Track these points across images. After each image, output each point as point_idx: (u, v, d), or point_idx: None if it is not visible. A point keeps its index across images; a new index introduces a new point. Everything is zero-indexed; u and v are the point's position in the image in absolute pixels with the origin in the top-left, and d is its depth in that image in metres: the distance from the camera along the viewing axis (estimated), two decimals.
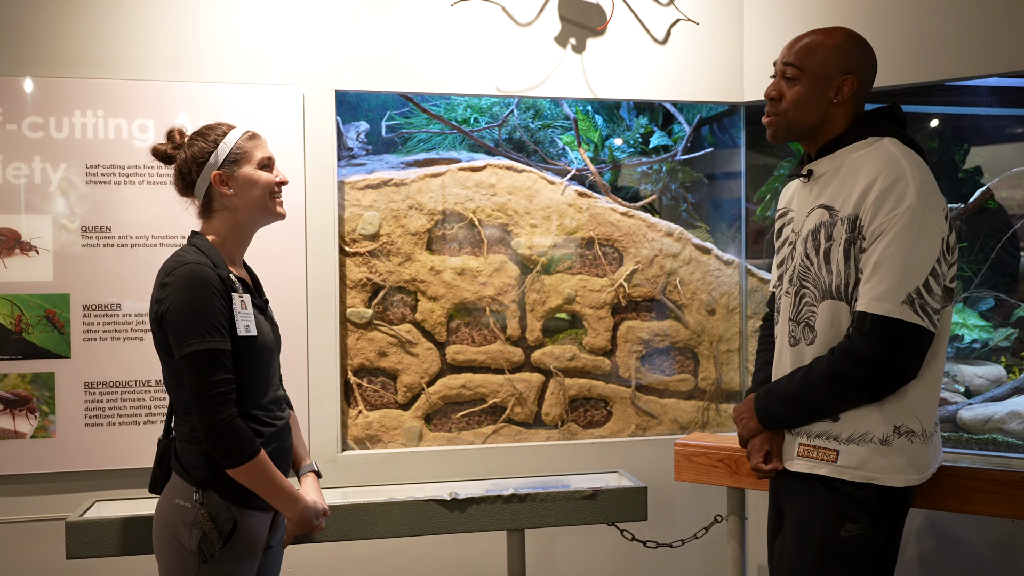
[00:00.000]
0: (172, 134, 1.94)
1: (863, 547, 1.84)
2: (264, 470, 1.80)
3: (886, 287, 1.74)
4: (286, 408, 2.01)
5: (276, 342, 1.99)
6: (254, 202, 1.91)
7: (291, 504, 1.88)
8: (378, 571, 2.95)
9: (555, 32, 3.03)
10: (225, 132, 1.90)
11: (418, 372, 3.06)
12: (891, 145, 1.86)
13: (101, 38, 2.71)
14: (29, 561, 2.70)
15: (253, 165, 1.90)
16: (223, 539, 1.80)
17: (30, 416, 2.66)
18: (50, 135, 2.67)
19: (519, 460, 3.03)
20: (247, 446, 1.78)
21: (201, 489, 1.81)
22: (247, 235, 1.96)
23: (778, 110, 1.92)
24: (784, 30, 3.05)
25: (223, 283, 1.81)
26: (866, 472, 1.83)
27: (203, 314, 1.75)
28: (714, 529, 2.83)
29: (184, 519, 1.80)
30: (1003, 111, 3.18)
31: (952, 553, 2.79)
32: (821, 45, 1.89)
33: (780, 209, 2.12)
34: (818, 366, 1.83)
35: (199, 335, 1.74)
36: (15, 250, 2.65)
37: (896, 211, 1.75)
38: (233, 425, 1.76)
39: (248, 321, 1.83)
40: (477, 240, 3.11)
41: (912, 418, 1.84)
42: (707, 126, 3.45)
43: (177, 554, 1.81)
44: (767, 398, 1.93)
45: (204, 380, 1.74)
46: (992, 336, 2.94)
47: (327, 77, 2.87)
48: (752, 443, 1.97)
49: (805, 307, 1.90)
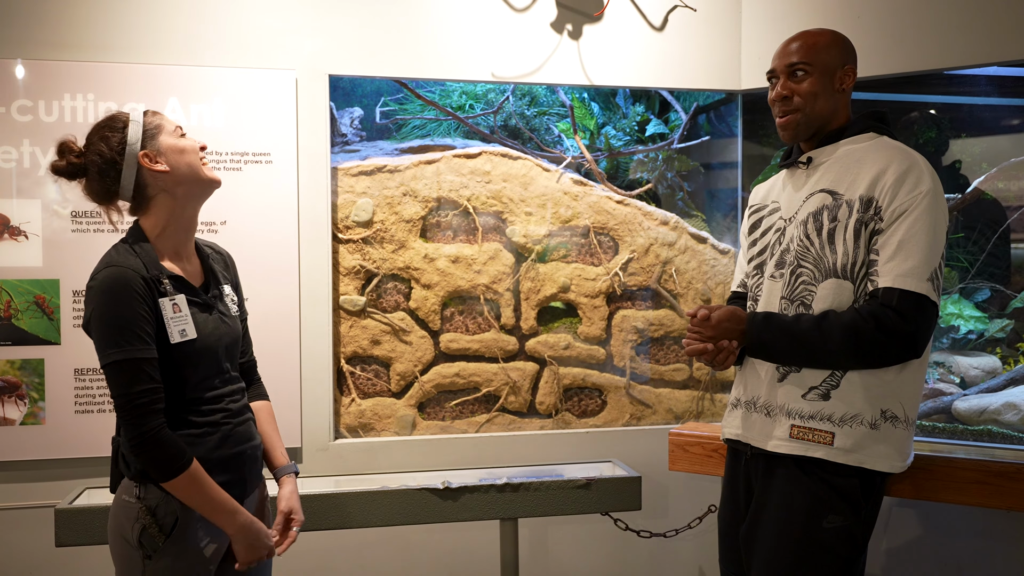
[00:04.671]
0: (67, 145, 1.78)
1: (845, 538, 1.86)
2: (197, 483, 1.71)
3: (913, 264, 1.79)
4: (240, 398, 1.90)
5: (230, 336, 1.88)
6: (188, 169, 1.79)
7: (229, 518, 1.76)
8: (371, 560, 2.94)
9: (551, 18, 3.01)
10: (126, 115, 1.79)
11: (411, 360, 3.04)
12: (892, 141, 1.96)
13: (91, 21, 2.68)
14: (18, 548, 2.68)
15: (171, 135, 1.80)
16: (164, 533, 1.72)
17: (19, 403, 2.64)
18: (39, 119, 2.64)
19: (513, 449, 3.02)
20: (176, 459, 1.69)
21: (139, 483, 1.74)
22: (190, 216, 1.83)
23: (793, 107, 1.96)
24: (782, 17, 3.03)
25: (148, 287, 1.71)
26: (859, 455, 1.85)
27: (123, 322, 1.66)
28: (708, 519, 2.83)
29: (128, 514, 1.74)
30: (1001, 101, 3.16)
31: (945, 544, 2.79)
32: (820, 41, 1.97)
33: (755, 205, 2.16)
34: (838, 317, 1.84)
35: (118, 344, 1.66)
36: (4, 235, 2.62)
37: (915, 192, 1.82)
38: (159, 437, 1.68)
39: (183, 325, 1.73)
40: (471, 228, 3.09)
41: (896, 403, 1.87)
42: (704, 114, 3.43)
43: (125, 550, 1.75)
44: (765, 324, 1.92)
45: (126, 391, 1.66)
46: (987, 327, 2.93)
47: (320, 62, 2.84)
48: (724, 345, 1.93)
49: (801, 286, 1.92)
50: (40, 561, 2.69)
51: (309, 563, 2.87)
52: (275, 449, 2.00)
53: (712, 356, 1.94)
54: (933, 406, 2.81)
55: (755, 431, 1.98)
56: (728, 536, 2.08)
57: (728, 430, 2.08)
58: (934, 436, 2.72)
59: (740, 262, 2.21)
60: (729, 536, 2.08)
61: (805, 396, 1.89)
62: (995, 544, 2.71)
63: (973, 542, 2.74)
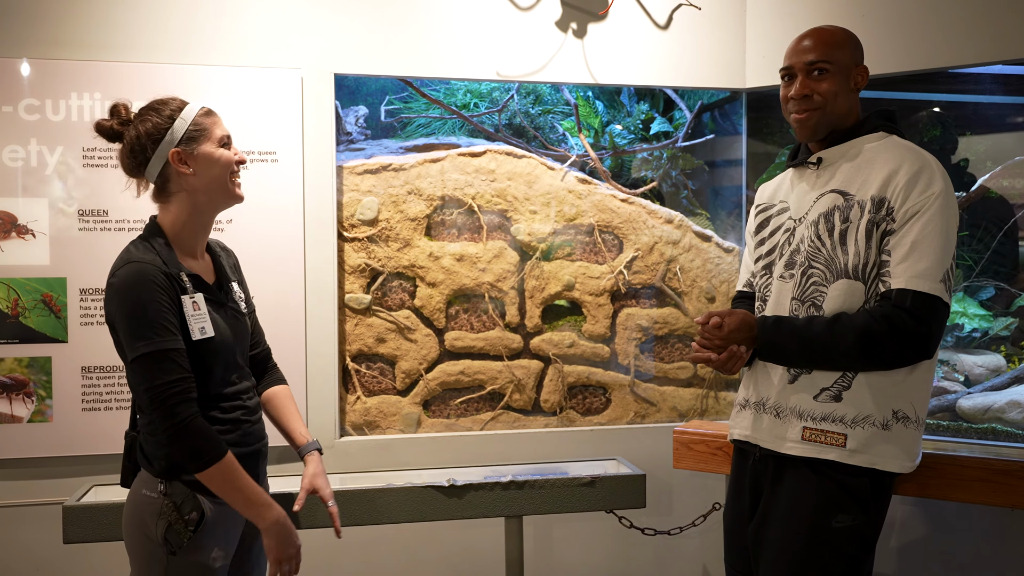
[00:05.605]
0: (118, 108, 1.81)
1: (854, 538, 1.85)
2: (232, 473, 1.72)
3: (926, 265, 1.79)
4: (254, 395, 1.92)
5: (243, 331, 1.90)
6: (214, 182, 1.80)
7: (263, 512, 1.76)
8: (376, 557, 2.95)
9: (556, 16, 3.01)
10: (180, 107, 1.79)
11: (416, 358, 3.05)
12: (903, 140, 1.95)
13: (98, 20, 2.69)
14: (26, 545, 2.69)
15: (213, 143, 1.80)
16: (190, 529, 1.73)
17: (27, 400, 2.65)
18: (47, 117, 2.65)
19: (517, 447, 3.03)
20: (212, 448, 1.70)
21: (165, 479, 1.75)
22: (207, 220, 1.85)
23: (813, 105, 1.94)
24: (787, 15, 3.03)
25: (170, 281, 1.72)
26: (870, 456, 1.84)
27: (149, 315, 1.67)
28: (712, 517, 2.83)
29: (151, 510, 1.75)
30: (1006, 99, 3.16)
31: (950, 542, 2.79)
32: (837, 39, 1.96)
33: (762, 204, 2.15)
34: (850, 320, 1.83)
35: (146, 337, 1.66)
36: (11, 233, 2.63)
37: (928, 193, 1.81)
38: (195, 426, 1.68)
39: (202, 323, 1.74)
40: (476, 226, 3.10)
41: (907, 403, 1.86)
42: (708, 112, 3.43)
43: (146, 547, 1.76)
44: (776, 328, 1.91)
45: (158, 382, 1.66)
46: (992, 325, 2.93)
47: (326, 60, 2.84)
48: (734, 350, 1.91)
49: (812, 287, 1.91)
50: (48, 558, 2.71)
51: (314, 561, 2.88)
52: (296, 428, 2.01)
53: (723, 363, 1.91)
54: (937, 404, 2.81)
55: (765, 432, 1.97)
56: (734, 535, 2.08)
57: (736, 431, 2.07)
58: (938, 434, 2.72)
59: (746, 261, 2.21)
60: (735, 535, 2.07)
61: (816, 398, 1.89)
62: (999, 542, 2.71)
63: (977, 540, 2.74)
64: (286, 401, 2.05)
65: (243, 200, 1.88)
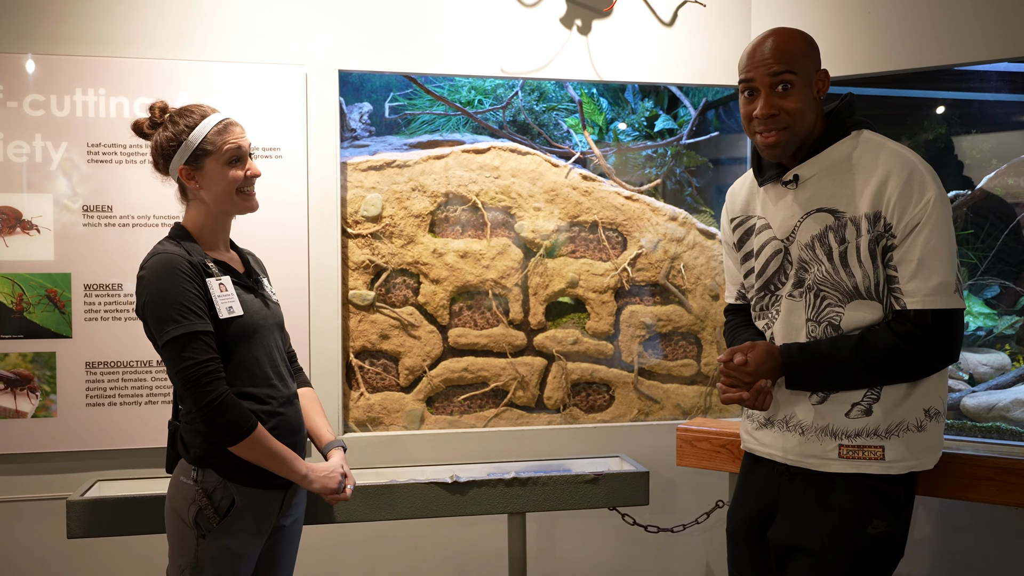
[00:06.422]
0: (154, 110, 1.92)
1: (888, 544, 1.83)
2: (264, 442, 1.83)
3: (938, 280, 1.75)
4: (291, 383, 2.01)
5: (274, 318, 1.99)
6: (220, 198, 1.90)
7: (298, 466, 1.90)
8: (379, 554, 2.95)
9: (560, 13, 3.00)
10: (197, 121, 1.88)
11: (420, 355, 3.05)
12: (876, 136, 1.86)
13: (103, 16, 2.69)
14: (30, 540, 2.70)
15: (220, 161, 1.88)
16: (220, 515, 1.83)
17: (31, 396, 2.65)
18: (51, 113, 2.65)
19: (521, 444, 3.03)
20: (244, 422, 1.80)
21: (198, 467, 1.85)
22: (224, 223, 1.97)
23: (781, 124, 1.82)
24: (792, 12, 3.02)
25: (195, 268, 1.81)
26: (909, 462, 1.82)
27: (177, 299, 1.77)
28: (715, 514, 2.83)
29: (185, 496, 1.85)
30: (1011, 97, 3.15)
31: (955, 541, 2.79)
32: (798, 46, 1.83)
33: (736, 216, 2.05)
34: (876, 341, 1.78)
35: (175, 320, 1.76)
36: (16, 229, 2.64)
37: (923, 202, 1.75)
38: (228, 402, 1.78)
39: (231, 302, 1.84)
40: (480, 223, 3.10)
41: (936, 398, 1.85)
42: (713, 110, 3.43)
43: (180, 529, 1.86)
44: (801, 356, 1.84)
45: (189, 363, 1.75)
46: (997, 324, 2.92)
47: (330, 57, 2.84)
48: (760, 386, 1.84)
49: (827, 308, 1.85)
50: (51, 553, 2.71)
51: (317, 558, 2.89)
52: (321, 429, 2.11)
53: (752, 400, 1.84)
54: None
55: (795, 452, 1.90)
56: (740, 541, 2.02)
57: (760, 448, 1.99)
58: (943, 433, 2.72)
59: (730, 271, 2.13)
60: (742, 542, 2.02)
61: (848, 414, 1.83)
62: (1004, 541, 2.70)
63: (982, 539, 2.73)
64: (312, 403, 2.14)
65: (257, 209, 1.96)
